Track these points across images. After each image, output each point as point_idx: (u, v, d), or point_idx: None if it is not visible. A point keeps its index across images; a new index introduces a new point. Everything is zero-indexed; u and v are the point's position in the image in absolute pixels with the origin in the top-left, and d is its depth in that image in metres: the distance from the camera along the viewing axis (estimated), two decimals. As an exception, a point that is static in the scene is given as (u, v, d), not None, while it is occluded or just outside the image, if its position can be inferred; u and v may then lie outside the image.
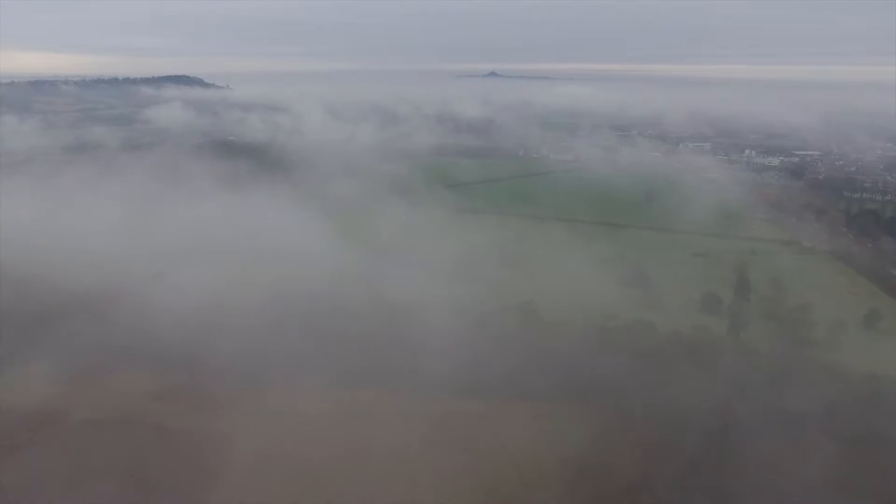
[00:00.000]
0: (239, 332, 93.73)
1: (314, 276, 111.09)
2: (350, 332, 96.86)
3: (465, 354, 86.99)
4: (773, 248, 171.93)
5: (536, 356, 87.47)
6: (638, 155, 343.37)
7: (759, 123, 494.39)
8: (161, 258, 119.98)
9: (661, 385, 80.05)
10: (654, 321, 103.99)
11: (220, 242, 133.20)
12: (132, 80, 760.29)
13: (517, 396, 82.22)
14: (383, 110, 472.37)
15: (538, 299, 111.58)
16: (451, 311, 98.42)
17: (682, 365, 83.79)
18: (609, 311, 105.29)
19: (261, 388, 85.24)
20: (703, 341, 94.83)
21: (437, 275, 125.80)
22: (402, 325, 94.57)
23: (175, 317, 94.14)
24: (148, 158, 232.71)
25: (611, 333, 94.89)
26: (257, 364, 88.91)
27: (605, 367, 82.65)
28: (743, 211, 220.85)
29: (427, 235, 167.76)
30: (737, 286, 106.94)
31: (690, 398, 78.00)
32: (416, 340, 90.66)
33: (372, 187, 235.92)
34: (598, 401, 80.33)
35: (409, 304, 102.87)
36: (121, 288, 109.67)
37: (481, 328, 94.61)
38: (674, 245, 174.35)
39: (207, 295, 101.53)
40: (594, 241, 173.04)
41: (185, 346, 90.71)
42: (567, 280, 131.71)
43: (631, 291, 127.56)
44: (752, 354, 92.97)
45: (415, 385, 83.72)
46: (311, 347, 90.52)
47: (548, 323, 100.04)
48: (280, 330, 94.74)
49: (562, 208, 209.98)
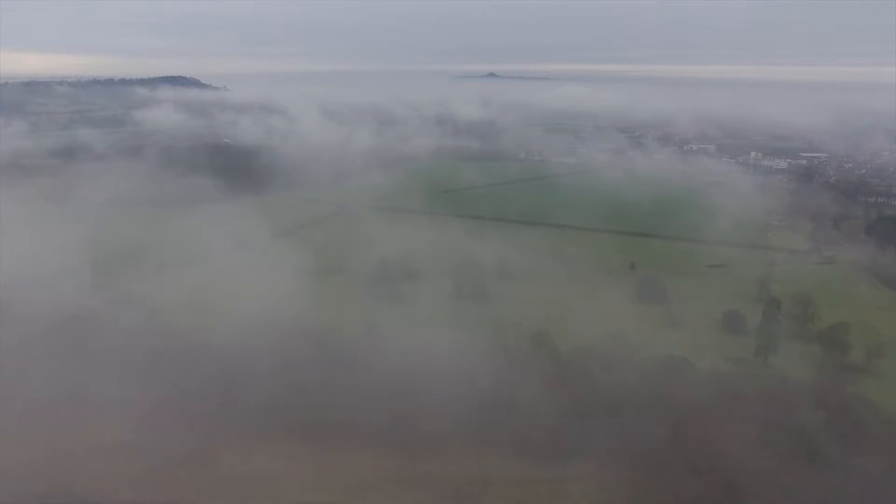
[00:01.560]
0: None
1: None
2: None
3: (467, 403, 74.93)
4: (792, 258, 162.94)
5: (557, 402, 74.12)
6: (642, 158, 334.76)
7: (763, 125, 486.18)
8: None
9: (703, 441, 67.23)
10: (681, 351, 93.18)
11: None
12: (128, 80, 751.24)
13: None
14: (382, 112, 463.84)
15: (552, 325, 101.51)
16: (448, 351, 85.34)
17: (721, 409, 72.05)
18: (630, 337, 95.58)
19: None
20: (740, 376, 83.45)
21: (433, 297, 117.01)
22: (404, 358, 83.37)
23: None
24: (126, 165, 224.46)
25: (637, 371, 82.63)
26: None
27: (631, 417, 70.52)
28: (756, 217, 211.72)
29: (426, 245, 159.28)
30: (765, 308, 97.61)
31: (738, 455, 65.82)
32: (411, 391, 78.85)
33: (366, 195, 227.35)
34: (628, 463, 67.58)
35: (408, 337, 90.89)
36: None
37: (489, 367, 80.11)
38: (688, 255, 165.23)
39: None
40: (604, 250, 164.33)
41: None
42: (580, 297, 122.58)
43: (649, 310, 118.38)
44: (789, 388, 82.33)
45: (419, 439, 72.52)
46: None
47: (566, 358, 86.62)
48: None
49: (567, 215, 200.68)
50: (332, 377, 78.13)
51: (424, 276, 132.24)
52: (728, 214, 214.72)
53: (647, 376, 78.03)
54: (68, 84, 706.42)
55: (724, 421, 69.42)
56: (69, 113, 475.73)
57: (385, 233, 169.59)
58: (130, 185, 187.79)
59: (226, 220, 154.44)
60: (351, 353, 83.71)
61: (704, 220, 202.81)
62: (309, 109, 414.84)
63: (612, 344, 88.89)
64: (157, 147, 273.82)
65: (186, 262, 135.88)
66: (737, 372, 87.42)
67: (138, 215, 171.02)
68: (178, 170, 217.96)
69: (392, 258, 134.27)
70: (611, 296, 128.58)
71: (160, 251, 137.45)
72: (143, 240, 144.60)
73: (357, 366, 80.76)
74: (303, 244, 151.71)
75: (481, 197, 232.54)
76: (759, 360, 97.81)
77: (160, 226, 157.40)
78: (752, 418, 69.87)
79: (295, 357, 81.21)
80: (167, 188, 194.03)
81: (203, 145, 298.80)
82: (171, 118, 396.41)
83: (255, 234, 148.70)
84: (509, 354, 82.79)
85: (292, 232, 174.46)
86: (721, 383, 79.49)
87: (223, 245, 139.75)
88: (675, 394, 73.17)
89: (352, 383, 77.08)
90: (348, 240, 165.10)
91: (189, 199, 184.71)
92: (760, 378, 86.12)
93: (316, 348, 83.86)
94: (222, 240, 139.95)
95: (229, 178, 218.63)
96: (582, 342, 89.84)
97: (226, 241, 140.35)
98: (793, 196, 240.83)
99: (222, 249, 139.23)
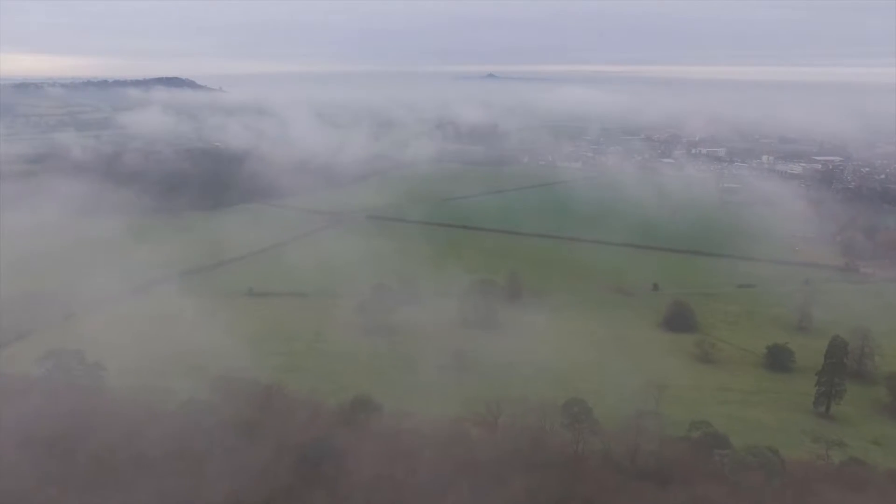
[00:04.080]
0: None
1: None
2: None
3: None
4: (827, 277, 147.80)
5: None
6: (650, 162, 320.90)
7: (771, 127, 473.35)
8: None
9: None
10: (737, 411, 77.42)
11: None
12: (121, 82, 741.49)
13: None
14: (380, 114, 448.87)
15: (573, 377, 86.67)
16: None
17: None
18: (672, 388, 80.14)
19: None
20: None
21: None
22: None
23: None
24: (93, 172, 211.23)
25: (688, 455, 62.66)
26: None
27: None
28: (780, 228, 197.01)
29: (424, 262, 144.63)
30: (829, 348, 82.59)
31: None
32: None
33: (360, 204, 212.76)
34: None
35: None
36: None
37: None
38: (712, 272, 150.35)
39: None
40: (620, 267, 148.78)
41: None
42: (602, 328, 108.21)
43: (680, 342, 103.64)
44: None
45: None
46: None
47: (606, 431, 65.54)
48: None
49: (576, 226, 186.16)
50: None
51: (423, 300, 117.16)
52: (749, 225, 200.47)
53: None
54: (61, 85, 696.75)
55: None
56: (59, 115, 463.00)
57: (369, 248, 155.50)
58: (82, 195, 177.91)
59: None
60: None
61: (725, 232, 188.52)
62: (304, 111, 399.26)
63: (652, 409, 71.72)
64: (135, 153, 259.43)
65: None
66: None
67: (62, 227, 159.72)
68: (149, 177, 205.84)
69: (373, 279, 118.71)
70: (635, 325, 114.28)
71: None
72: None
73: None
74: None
75: (483, 206, 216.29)
76: (820, 409, 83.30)
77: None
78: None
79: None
80: (117, 198, 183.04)
81: (186, 150, 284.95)
82: (158, 121, 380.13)
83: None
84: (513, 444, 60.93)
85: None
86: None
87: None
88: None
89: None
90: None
91: (131, 211, 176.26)
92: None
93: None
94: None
95: (208, 186, 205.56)
96: (614, 405, 73.53)
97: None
98: (815, 204, 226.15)
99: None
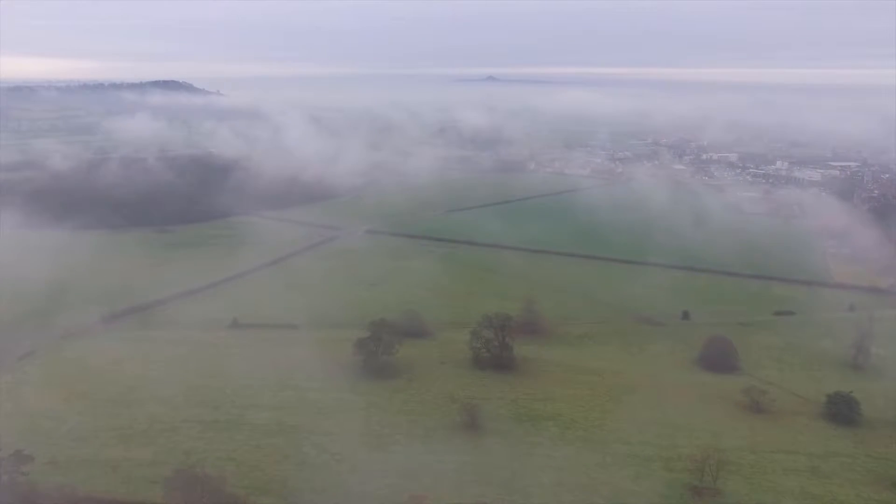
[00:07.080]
0: None
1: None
2: None
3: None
4: (872, 301, 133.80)
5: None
6: (661, 169, 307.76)
7: (781, 130, 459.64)
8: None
9: None
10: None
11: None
12: (117, 85, 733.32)
13: None
14: (380, 118, 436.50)
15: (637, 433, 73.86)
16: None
17: None
18: (722, 453, 66.76)
19: None
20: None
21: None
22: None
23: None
24: (68, 181, 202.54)
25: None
26: None
27: None
28: (809, 243, 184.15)
29: (423, 283, 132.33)
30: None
31: None
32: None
33: (357, 216, 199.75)
34: None
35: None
36: None
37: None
38: (746, 297, 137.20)
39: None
40: (643, 290, 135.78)
41: None
42: (633, 367, 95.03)
43: (721, 385, 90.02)
44: None
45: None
46: None
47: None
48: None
49: (588, 243, 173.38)
50: None
51: (428, 333, 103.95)
52: (776, 239, 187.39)
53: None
54: (56, 89, 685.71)
55: None
56: (51, 119, 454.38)
57: (369, 268, 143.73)
58: (50, 207, 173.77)
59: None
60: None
61: (753, 248, 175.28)
62: (301, 116, 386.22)
63: (709, 485, 59.31)
64: (118, 161, 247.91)
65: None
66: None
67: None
68: (130, 188, 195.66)
69: (374, 306, 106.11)
70: (669, 365, 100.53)
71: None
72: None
73: None
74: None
75: (489, 220, 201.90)
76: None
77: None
78: None
79: None
80: (91, 211, 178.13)
81: (173, 157, 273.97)
82: (150, 126, 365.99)
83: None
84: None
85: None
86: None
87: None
88: None
89: None
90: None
91: (99, 225, 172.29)
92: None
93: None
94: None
95: (194, 198, 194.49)
96: (663, 479, 60.81)
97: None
98: (841, 215, 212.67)
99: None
